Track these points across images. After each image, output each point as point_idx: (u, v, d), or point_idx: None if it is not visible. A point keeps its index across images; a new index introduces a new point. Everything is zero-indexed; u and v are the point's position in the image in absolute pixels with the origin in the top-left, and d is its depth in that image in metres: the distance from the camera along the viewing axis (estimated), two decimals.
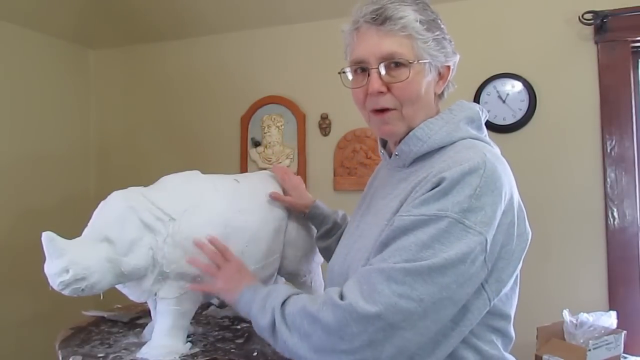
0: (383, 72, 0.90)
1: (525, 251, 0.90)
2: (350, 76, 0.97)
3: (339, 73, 0.99)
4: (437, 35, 0.92)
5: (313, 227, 1.41)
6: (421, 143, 0.92)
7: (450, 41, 0.97)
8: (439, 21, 0.95)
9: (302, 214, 1.38)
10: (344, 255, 1.01)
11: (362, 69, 0.93)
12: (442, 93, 1.00)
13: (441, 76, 0.96)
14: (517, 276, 0.91)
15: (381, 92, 0.91)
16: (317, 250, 1.40)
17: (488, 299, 0.84)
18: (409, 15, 0.89)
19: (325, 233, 1.33)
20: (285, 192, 1.39)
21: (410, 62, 0.90)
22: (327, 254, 1.32)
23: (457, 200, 0.79)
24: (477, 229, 0.78)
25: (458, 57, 0.98)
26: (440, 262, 0.76)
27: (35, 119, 2.35)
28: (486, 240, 0.79)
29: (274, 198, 1.34)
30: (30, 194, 2.31)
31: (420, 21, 0.90)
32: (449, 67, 0.97)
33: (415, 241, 0.78)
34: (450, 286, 0.77)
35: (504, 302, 0.89)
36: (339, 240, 1.27)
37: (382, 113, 0.93)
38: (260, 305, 0.93)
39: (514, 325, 0.94)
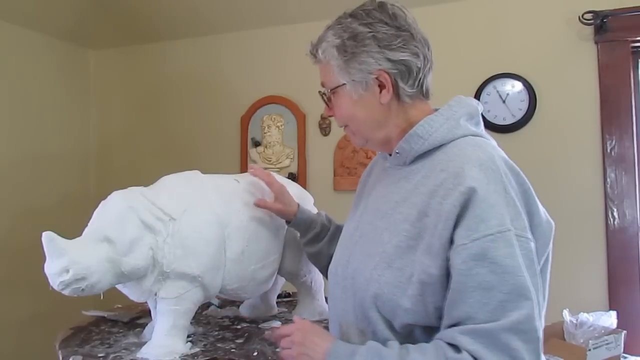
0: (330, 97, 1.00)
1: (551, 241, 0.90)
2: None
3: None
4: (352, 53, 0.93)
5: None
6: (422, 141, 0.92)
7: (383, 48, 0.91)
8: (363, 34, 0.92)
9: (287, 221, 1.31)
10: (346, 257, 0.99)
11: None
12: (400, 99, 0.94)
13: (382, 85, 0.93)
14: (546, 268, 0.90)
15: (330, 115, 1.03)
16: None
17: None
18: (327, 43, 0.96)
19: (315, 237, 1.28)
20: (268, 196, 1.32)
21: (332, 90, 0.97)
22: (319, 259, 1.28)
23: (502, 211, 0.80)
24: (526, 236, 0.81)
25: (402, 58, 0.92)
26: (531, 287, 0.78)
27: (35, 119, 2.35)
28: (533, 242, 0.82)
29: (259, 205, 1.28)
30: (30, 194, 2.31)
31: (335, 45, 0.94)
32: (384, 75, 0.92)
33: (499, 270, 0.77)
34: (540, 302, 0.81)
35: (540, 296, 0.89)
36: (330, 243, 1.25)
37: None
38: None
39: None
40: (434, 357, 0.79)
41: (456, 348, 0.78)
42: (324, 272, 1.29)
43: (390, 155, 0.99)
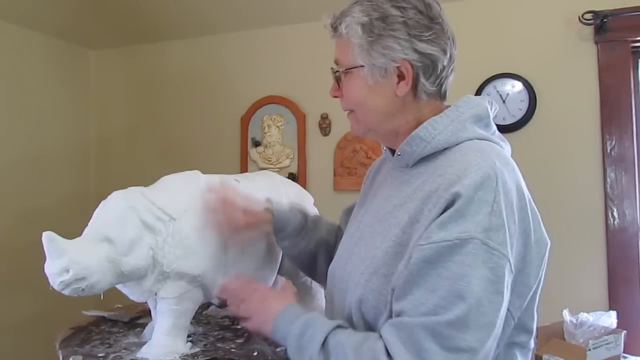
0: (342, 76, 0.93)
1: (546, 259, 0.85)
2: None
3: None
4: (379, 35, 0.86)
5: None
6: (424, 144, 0.87)
7: (411, 39, 0.86)
8: (393, 17, 0.86)
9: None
10: (344, 259, 0.96)
11: None
12: (417, 95, 0.89)
13: (402, 77, 0.88)
14: (538, 287, 0.85)
15: (336, 96, 0.95)
16: None
17: (512, 317, 0.81)
18: (352, 18, 0.88)
19: (291, 235, 1.21)
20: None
21: (347, 69, 0.91)
22: (300, 259, 1.23)
23: (477, 219, 0.74)
24: (501, 251, 0.74)
25: (430, 52, 0.87)
26: (478, 301, 0.72)
27: (35, 119, 2.35)
28: (510, 263, 0.76)
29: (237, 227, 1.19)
30: (30, 194, 2.31)
31: (361, 23, 0.87)
32: (407, 66, 0.87)
33: (447, 274, 0.73)
34: (494, 321, 0.74)
35: (530, 317, 0.86)
36: (308, 240, 1.20)
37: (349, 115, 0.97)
38: (295, 347, 0.85)
39: None
40: (356, 340, 0.80)
41: (380, 337, 0.78)
42: (308, 273, 1.27)
43: (394, 155, 0.95)
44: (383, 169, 1.06)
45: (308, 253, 1.21)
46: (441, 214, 0.76)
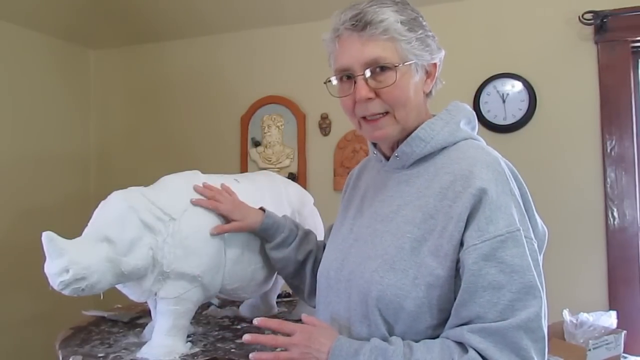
0: (369, 78, 0.89)
1: (544, 250, 0.91)
2: (335, 84, 0.95)
3: (325, 82, 0.96)
4: (420, 34, 0.90)
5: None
6: (424, 144, 0.92)
7: (434, 37, 0.94)
8: (421, 19, 0.93)
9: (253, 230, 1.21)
10: (340, 260, 0.97)
11: (347, 76, 0.91)
12: (430, 91, 0.98)
13: (428, 74, 0.95)
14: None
15: (369, 99, 0.89)
16: None
17: None
18: (389, 18, 0.87)
19: (282, 242, 1.20)
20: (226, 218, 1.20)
21: (396, 66, 0.88)
22: (284, 263, 1.21)
23: (510, 212, 0.81)
24: (531, 237, 0.83)
25: (443, 52, 0.96)
26: (540, 287, 0.79)
27: (35, 119, 2.35)
28: (537, 246, 0.84)
29: (215, 234, 1.17)
30: (30, 194, 2.31)
31: (401, 22, 0.88)
32: (435, 64, 0.95)
33: (508, 269, 0.78)
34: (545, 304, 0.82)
35: None
36: (297, 249, 1.20)
37: (374, 120, 0.91)
38: None
39: None
40: (440, 355, 0.78)
41: (463, 347, 0.78)
42: (289, 281, 1.26)
43: (387, 158, 0.99)
44: (366, 174, 1.09)
45: (296, 263, 1.21)
46: (472, 210, 0.81)
